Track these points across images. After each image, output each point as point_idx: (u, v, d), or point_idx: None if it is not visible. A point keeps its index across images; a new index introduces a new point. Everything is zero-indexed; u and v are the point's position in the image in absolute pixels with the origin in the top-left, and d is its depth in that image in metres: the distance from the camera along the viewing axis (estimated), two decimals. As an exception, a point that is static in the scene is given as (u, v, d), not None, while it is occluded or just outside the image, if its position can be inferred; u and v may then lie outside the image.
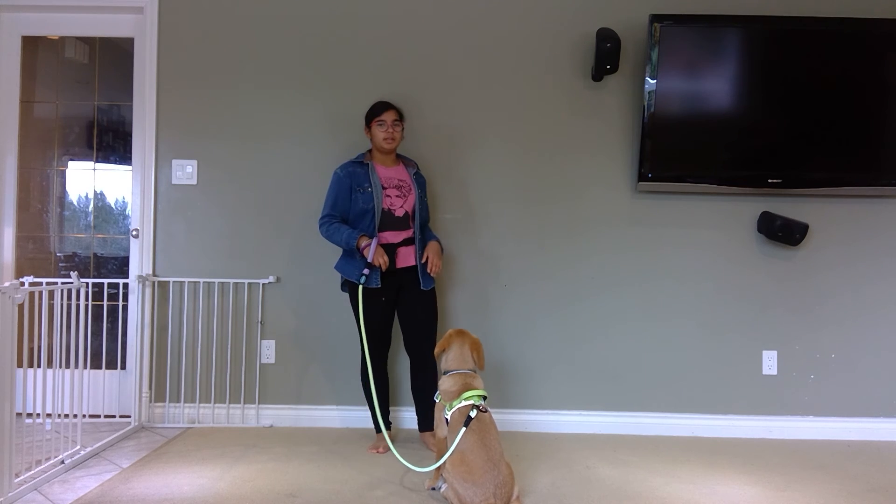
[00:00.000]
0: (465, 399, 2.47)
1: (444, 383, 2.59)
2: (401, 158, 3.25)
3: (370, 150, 3.20)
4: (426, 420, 3.18)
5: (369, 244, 2.96)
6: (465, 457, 2.34)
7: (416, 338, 3.12)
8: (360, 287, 2.98)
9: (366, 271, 2.98)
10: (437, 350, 2.71)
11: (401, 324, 3.16)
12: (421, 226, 3.19)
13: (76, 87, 3.70)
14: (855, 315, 3.54)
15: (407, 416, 3.54)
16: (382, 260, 2.94)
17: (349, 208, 3.09)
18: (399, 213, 3.09)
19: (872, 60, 3.31)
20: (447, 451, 2.41)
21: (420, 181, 3.22)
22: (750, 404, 3.53)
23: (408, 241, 3.11)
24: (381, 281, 3.03)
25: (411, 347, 3.15)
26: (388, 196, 3.08)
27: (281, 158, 3.57)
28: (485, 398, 2.51)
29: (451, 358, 2.64)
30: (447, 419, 2.50)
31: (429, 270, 3.05)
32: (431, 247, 3.09)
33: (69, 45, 3.69)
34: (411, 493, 2.58)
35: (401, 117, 3.15)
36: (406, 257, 3.11)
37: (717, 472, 2.91)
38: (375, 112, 3.11)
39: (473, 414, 2.41)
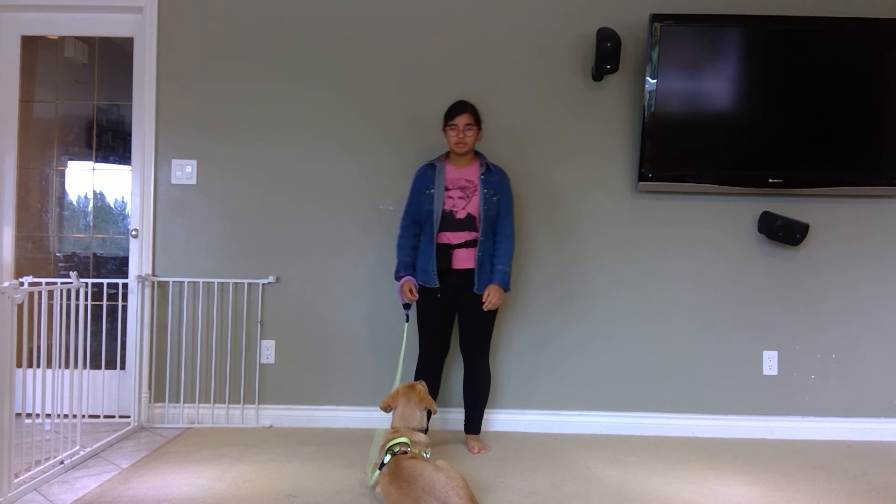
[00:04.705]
0: (387, 449, 2.47)
1: (381, 439, 2.61)
2: (478, 157, 3.17)
3: (447, 152, 3.18)
4: (472, 423, 3.20)
5: (400, 282, 3.11)
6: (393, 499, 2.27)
7: (469, 340, 3.13)
8: (406, 316, 3.18)
9: (405, 312, 3.17)
10: (382, 404, 2.71)
11: (458, 324, 3.18)
12: (492, 226, 3.09)
13: (75, 87, 3.70)
14: (856, 315, 3.53)
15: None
16: (409, 296, 3.07)
17: (420, 210, 3.11)
18: (461, 214, 3.05)
19: (873, 60, 3.31)
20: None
21: (490, 180, 3.08)
22: (750, 404, 3.52)
23: (469, 244, 3.07)
24: (437, 280, 3.06)
25: (464, 348, 3.16)
26: (451, 197, 3.06)
27: (281, 158, 3.57)
28: (408, 444, 2.47)
29: (395, 416, 2.66)
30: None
31: (484, 305, 3.02)
32: (492, 288, 3.03)
33: (68, 44, 3.69)
34: (411, 494, 2.57)
35: (475, 120, 3.08)
36: (464, 259, 3.08)
37: (717, 473, 2.91)
38: (449, 115, 3.08)
39: (387, 459, 2.41)
